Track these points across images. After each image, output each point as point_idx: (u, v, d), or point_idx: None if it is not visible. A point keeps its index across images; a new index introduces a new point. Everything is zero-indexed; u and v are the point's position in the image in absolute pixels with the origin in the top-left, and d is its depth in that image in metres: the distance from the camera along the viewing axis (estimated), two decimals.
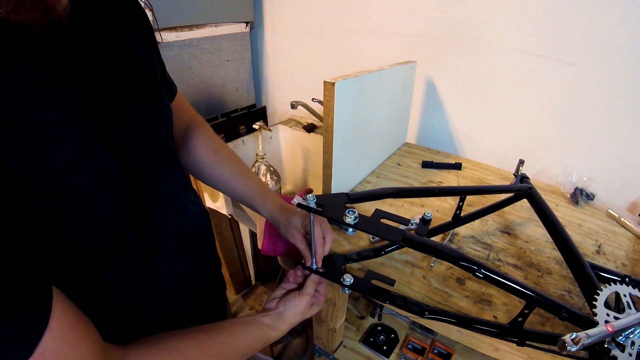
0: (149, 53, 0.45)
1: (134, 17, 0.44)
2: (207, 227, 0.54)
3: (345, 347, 0.96)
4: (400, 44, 1.09)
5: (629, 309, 0.43)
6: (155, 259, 0.41)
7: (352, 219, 0.46)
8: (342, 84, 0.66)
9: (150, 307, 0.42)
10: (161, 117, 0.44)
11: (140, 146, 0.40)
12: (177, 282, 0.46)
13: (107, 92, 0.36)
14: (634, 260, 0.68)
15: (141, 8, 0.46)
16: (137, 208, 0.38)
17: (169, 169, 0.45)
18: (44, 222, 0.29)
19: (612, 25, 0.77)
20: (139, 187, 0.39)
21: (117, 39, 0.39)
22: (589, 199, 0.85)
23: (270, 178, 1.16)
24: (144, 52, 0.43)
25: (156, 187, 0.42)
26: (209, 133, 0.62)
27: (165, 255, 0.43)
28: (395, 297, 0.53)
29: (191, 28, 1.15)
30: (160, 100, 0.45)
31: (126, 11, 0.43)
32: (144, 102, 0.41)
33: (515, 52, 0.91)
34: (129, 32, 0.42)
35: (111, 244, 0.35)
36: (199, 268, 0.50)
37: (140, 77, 0.41)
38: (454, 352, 0.93)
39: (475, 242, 0.71)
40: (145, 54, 0.43)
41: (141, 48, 0.43)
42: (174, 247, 0.44)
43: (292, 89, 1.47)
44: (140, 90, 0.41)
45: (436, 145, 1.15)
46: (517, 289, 0.44)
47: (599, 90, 0.84)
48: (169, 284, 0.44)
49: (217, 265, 0.59)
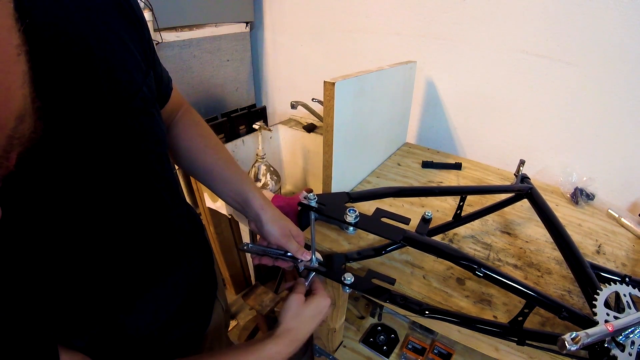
0: (141, 75, 0.39)
1: (131, 22, 0.38)
2: (197, 229, 0.53)
3: (345, 347, 0.96)
4: (400, 44, 1.09)
5: (629, 308, 0.43)
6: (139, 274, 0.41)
7: (353, 217, 0.46)
8: (342, 84, 0.66)
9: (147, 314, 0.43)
10: (151, 153, 0.41)
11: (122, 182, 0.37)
12: (164, 289, 0.45)
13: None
14: (634, 260, 0.68)
15: (135, 13, 0.39)
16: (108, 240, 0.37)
17: (155, 200, 0.43)
18: None
19: (612, 25, 0.77)
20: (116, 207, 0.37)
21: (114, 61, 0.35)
22: (589, 199, 0.85)
23: (270, 178, 1.16)
24: (136, 77, 0.38)
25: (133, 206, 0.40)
26: (196, 119, 0.57)
27: (150, 266, 0.42)
28: (396, 296, 0.53)
29: (191, 28, 1.15)
30: (153, 133, 0.41)
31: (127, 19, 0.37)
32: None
33: (515, 52, 0.91)
34: (126, 46, 0.37)
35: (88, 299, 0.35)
36: (188, 271, 0.50)
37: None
38: (454, 352, 0.93)
39: (475, 242, 0.71)
40: (136, 79, 0.38)
41: (133, 76, 0.38)
42: (158, 259, 0.44)
43: (292, 89, 1.47)
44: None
45: (436, 145, 1.15)
46: (517, 288, 0.44)
47: (599, 90, 0.84)
48: (155, 292, 0.44)
49: (209, 264, 0.58)
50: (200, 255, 0.55)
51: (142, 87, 0.38)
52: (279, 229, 0.54)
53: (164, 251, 0.45)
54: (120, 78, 0.35)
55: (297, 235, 0.56)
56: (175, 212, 0.48)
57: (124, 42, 0.36)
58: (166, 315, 0.46)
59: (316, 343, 0.94)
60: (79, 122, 0.31)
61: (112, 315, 0.39)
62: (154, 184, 0.42)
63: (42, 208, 0.30)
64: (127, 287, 0.40)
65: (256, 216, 0.54)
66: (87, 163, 0.33)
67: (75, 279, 0.34)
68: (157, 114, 0.42)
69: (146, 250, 0.42)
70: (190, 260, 0.51)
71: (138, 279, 0.41)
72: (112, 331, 0.40)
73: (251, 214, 0.55)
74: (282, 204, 0.84)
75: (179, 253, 0.48)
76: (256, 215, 0.54)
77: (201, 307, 0.56)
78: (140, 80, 0.38)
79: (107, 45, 0.33)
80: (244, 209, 0.55)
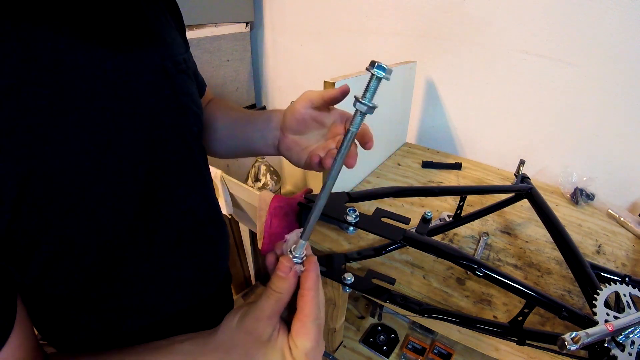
0: (183, 48, 0.41)
1: (173, 11, 0.43)
2: (223, 241, 0.50)
3: (345, 347, 0.96)
4: (400, 44, 1.09)
5: (629, 308, 0.43)
6: (157, 270, 0.39)
7: (353, 217, 0.46)
8: (342, 84, 0.66)
9: (143, 314, 0.41)
10: (192, 115, 0.40)
11: (168, 145, 0.36)
12: (179, 292, 0.43)
13: None
14: (634, 260, 0.68)
15: (176, 4, 0.45)
16: (146, 217, 0.34)
17: (195, 174, 0.41)
18: (28, 236, 0.26)
19: (612, 25, 0.77)
20: (156, 189, 0.35)
21: (161, 25, 0.38)
22: (589, 199, 0.85)
23: (270, 178, 1.16)
24: (179, 46, 0.40)
25: (177, 193, 0.38)
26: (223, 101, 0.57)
27: (169, 265, 0.40)
28: (396, 296, 0.53)
29: (191, 28, 1.15)
30: (192, 97, 0.40)
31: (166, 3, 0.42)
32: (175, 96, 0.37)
33: (515, 52, 0.91)
34: (169, 23, 0.40)
35: (107, 260, 0.32)
36: (205, 281, 0.47)
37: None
38: (454, 352, 0.94)
39: (475, 242, 0.71)
40: (180, 49, 0.40)
41: (177, 42, 0.40)
42: (180, 257, 0.41)
43: (292, 89, 1.47)
44: None
45: (436, 145, 1.15)
46: (517, 288, 0.44)
47: (599, 90, 0.84)
48: (170, 292, 0.42)
49: (227, 282, 0.56)
50: (223, 265, 0.52)
51: (186, 56, 0.40)
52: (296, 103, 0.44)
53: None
54: (167, 39, 0.37)
55: None
56: (213, 198, 0.47)
57: (168, 21, 0.40)
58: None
59: None
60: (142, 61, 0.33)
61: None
62: (197, 160, 0.41)
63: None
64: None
65: (271, 119, 0.48)
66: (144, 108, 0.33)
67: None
68: (196, 92, 0.43)
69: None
70: (207, 269, 0.48)
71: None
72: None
73: (274, 123, 0.48)
74: (282, 204, 0.83)
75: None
76: (270, 119, 0.49)
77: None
78: (183, 50, 0.40)
79: (157, 15, 0.37)
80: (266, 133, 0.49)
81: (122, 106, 0.30)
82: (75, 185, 0.27)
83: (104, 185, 0.29)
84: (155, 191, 0.35)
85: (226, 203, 1.03)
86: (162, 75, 0.35)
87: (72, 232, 0.28)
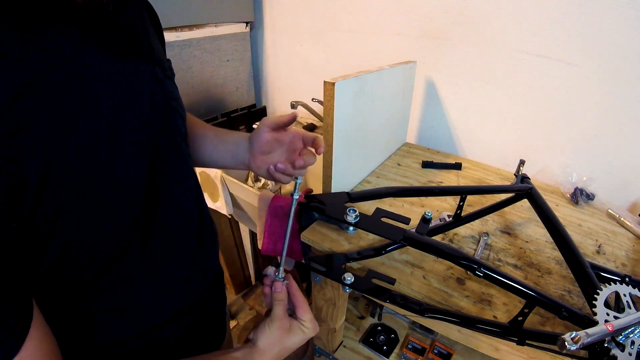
0: (164, 56, 0.45)
1: (153, 17, 0.45)
2: (214, 239, 0.52)
3: (345, 347, 0.96)
4: (400, 44, 1.09)
5: (629, 308, 0.43)
6: (154, 268, 0.40)
7: (353, 217, 0.46)
8: (342, 84, 0.66)
9: (143, 315, 0.41)
10: (180, 117, 0.43)
11: (162, 146, 0.39)
12: (176, 291, 0.44)
13: None
14: (634, 260, 0.68)
15: (157, 17, 0.47)
16: (147, 212, 0.37)
17: (186, 174, 0.44)
18: (47, 221, 0.28)
19: (612, 25, 0.77)
20: (155, 188, 0.37)
21: (148, 35, 0.40)
22: (589, 199, 0.85)
23: None
24: (162, 54, 0.44)
25: (171, 191, 0.40)
26: None
27: (166, 264, 0.42)
28: (396, 296, 0.53)
29: (191, 28, 1.15)
30: (178, 101, 0.44)
31: (148, 11, 0.44)
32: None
33: (515, 52, 0.91)
34: (153, 34, 0.42)
35: (113, 254, 0.34)
36: (199, 279, 0.49)
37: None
38: (454, 352, 0.94)
39: (475, 242, 0.71)
40: (162, 57, 0.43)
41: (160, 50, 0.43)
42: (176, 256, 0.43)
43: (292, 89, 1.47)
44: None
45: (436, 145, 1.15)
46: (517, 288, 0.44)
47: (599, 90, 0.84)
48: (167, 292, 0.43)
49: (219, 276, 0.57)
50: (214, 264, 0.54)
51: (169, 63, 0.43)
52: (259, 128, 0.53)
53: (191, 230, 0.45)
54: (154, 48, 0.40)
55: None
56: (203, 212, 0.48)
57: (152, 32, 0.43)
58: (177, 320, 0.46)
59: (316, 343, 0.94)
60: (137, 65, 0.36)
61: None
62: (187, 160, 0.44)
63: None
64: None
65: (240, 143, 0.56)
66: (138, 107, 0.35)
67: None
68: (180, 97, 0.46)
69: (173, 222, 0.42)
70: (205, 268, 0.50)
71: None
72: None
73: (239, 146, 0.56)
74: (282, 204, 0.84)
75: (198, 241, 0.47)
76: (239, 142, 0.56)
77: (214, 319, 0.55)
78: (165, 58, 0.43)
79: (144, 27, 0.40)
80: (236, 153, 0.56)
81: (126, 107, 0.33)
82: (90, 176, 0.30)
83: (114, 179, 0.32)
84: (156, 189, 0.38)
85: (226, 203, 1.03)
86: (154, 80, 0.38)
87: (86, 221, 0.31)
